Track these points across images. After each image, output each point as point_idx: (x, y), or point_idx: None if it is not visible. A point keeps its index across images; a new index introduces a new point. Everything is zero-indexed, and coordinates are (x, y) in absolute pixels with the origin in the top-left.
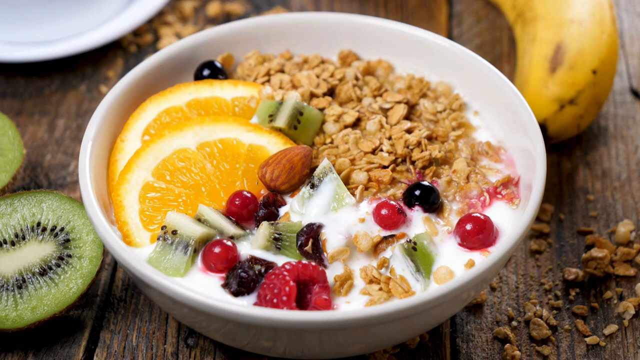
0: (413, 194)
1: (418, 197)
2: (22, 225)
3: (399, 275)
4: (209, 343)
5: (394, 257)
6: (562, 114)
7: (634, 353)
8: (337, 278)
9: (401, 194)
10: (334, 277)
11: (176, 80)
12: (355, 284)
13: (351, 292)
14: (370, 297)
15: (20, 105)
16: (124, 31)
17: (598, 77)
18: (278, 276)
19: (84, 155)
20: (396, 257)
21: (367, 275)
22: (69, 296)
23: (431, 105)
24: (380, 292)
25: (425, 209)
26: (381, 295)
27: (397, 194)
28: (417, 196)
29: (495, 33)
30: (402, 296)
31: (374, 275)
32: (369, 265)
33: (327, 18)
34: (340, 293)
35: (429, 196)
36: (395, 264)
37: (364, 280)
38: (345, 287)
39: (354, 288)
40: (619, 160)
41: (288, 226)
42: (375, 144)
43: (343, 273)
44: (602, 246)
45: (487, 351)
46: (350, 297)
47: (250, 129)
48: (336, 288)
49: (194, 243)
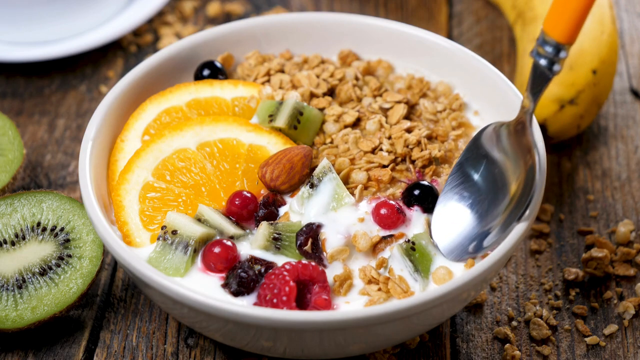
0: (412, 193)
1: (417, 196)
2: (22, 225)
3: (397, 275)
4: (209, 343)
5: (392, 257)
6: (562, 114)
7: (634, 353)
8: (336, 278)
9: (400, 193)
10: (334, 277)
11: (176, 80)
12: (354, 283)
13: (351, 292)
14: (370, 297)
15: (20, 105)
16: (124, 31)
17: (598, 77)
18: (278, 276)
19: (84, 155)
20: (395, 257)
21: (366, 276)
22: (69, 296)
23: (431, 105)
24: (380, 293)
25: (425, 208)
26: (380, 296)
27: (397, 193)
28: (416, 196)
29: (495, 33)
30: (401, 296)
31: (372, 275)
32: (368, 265)
33: (327, 18)
34: (340, 293)
35: (428, 196)
36: (393, 264)
37: (362, 281)
38: (345, 287)
39: (353, 288)
40: (619, 160)
41: (287, 226)
42: (375, 144)
43: (342, 273)
44: (602, 246)
45: (487, 351)
46: (349, 297)
47: (250, 129)
48: (336, 288)
49: (194, 243)
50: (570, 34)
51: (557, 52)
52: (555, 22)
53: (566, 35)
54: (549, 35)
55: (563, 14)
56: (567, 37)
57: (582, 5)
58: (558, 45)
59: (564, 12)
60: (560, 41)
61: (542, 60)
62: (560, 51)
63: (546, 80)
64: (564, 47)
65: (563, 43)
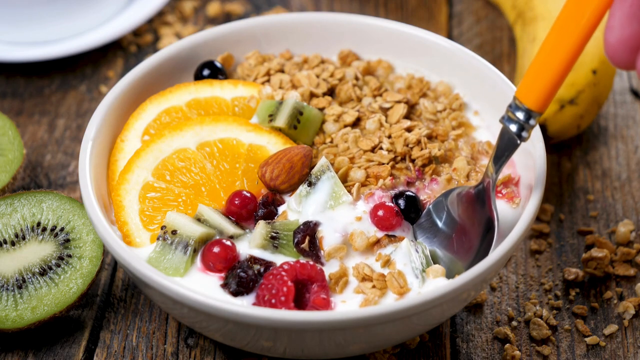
0: (397, 203)
1: (401, 209)
2: (22, 225)
3: (397, 269)
4: (209, 343)
5: (398, 250)
6: (562, 114)
7: (634, 353)
8: (332, 276)
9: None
10: (329, 274)
11: (176, 80)
12: (350, 281)
13: (346, 289)
14: (364, 295)
15: (20, 105)
16: (124, 31)
17: (598, 77)
18: (276, 276)
19: (84, 155)
20: (402, 251)
21: (360, 273)
22: (69, 296)
23: (431, 105)
24: (374, 290)
25: (409, 220)
26: (375, 293)
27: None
28: (401, 208)
29: (495, 33)
30: (396, 290)
31: (365, 273)
32: (361, 263)
33: (327, 18)
34: (336, 291)
35: (411, 207)
36: (397, 257)
37: (356, 279)
38: (341, 285)
39: (349, 285)
40: (619, 160)
41: (285, 224)
42: (375, 143)
43: (337, 271)
44: (602, 246)
45: (487, 351)
46: (346, 295)
47: (250, 128)
48: (331, 286)
49: (193, 243)
50: (543, 103)
51: (528, 118)
52: (528, 90)
53: (538, 104)
54: (521, 102)
55: (536, 84)
56: (539, 105)
57: (555, 77)
58: (529, 111)
59: (538, 82)
60: (532, 108)
61: (513, 125)
62: (531, 118)
63: (513, 148)
64: (535, 115)
65: (535, 111)
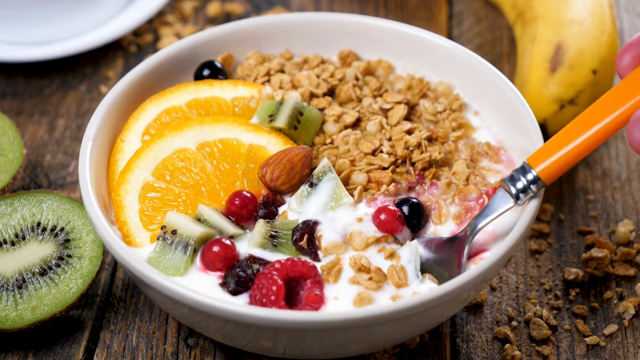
0: (401, 209)
1: (405, 216)
2: (22, 225)
3: (401, 264)
4: (209, 343)
5: (406, 247)
6: (562, 114)
7: (634, 353)
8: (323, 268)
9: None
10: (321, 267)
11: (176, 80)
12: (344, 270)
13: (341, 279)
14: (359, 286)
15: (20, 105)
16: (124, 31)
17: (598, 77)
18: (266, 276)
19: (84, 155)
20: (410, 249)
21: (356, 264)
22: (69, 296)
23: (431, 105)
24: (370, 282)
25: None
26: (370, 286)
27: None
28: (405, 215)
29: (495, 33)
30: (396, 282)
31: (362, 264)
32: (359, 254)
33: (327, 18)
34: (329, 281)
35: (414, 214)
36: (404, 253)
37: (352, 269)
38: (334, 274)
39: (343, 274)
40: (619, 160)
41: (284, 224)
42: (376, 145)
43: (330, 261)
44: (602, 246)
45: (487, 351)
46: (340, 287)
47: (250, 129)
48: (325, 277)
49: (193, 243)
50: (552, 175)
51: (531, 184)
52: (543, 159)
53: (547, 175)
54: (531, 167)
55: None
56: (547, 176)
57: (574, 158)
58: (537, 179)
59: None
60: (540, 177)
61: (513, 187)
62: (534, 185)
63: (506, 209)
64: (540, 185)
65: (542, 180)
